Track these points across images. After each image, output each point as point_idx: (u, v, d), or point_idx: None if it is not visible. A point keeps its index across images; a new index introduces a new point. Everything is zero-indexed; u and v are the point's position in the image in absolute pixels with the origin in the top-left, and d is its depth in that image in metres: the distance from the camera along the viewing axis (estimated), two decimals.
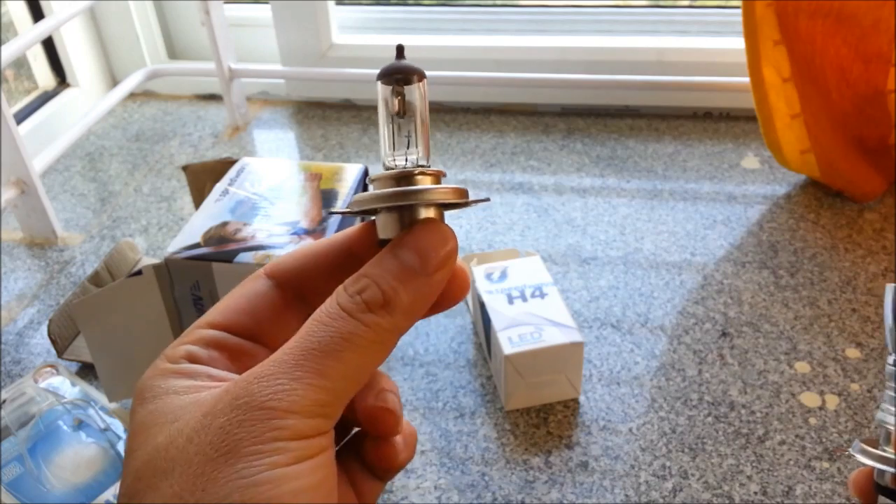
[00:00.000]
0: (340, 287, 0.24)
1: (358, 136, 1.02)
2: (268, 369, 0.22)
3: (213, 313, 0.26)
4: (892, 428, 0.28)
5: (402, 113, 0.26)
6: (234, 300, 0.26)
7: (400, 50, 0.27)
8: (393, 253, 0.24)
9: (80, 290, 0.69)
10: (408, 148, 0.26)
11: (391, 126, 0.26)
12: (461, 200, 0.26)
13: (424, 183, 0.26)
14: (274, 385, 0.22)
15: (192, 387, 0.24)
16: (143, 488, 0.21)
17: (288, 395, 0.21)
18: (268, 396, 0.21)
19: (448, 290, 0.25)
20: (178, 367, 0.25)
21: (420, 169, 0.26)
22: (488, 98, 1.06)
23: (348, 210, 0.26)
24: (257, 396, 0.22)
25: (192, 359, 0.25)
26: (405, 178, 0.25)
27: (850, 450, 0.29)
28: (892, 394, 0.28)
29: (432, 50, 1.06)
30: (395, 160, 0.26)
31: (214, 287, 0.57)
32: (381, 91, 0.27)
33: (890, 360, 0.29)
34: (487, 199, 0.28)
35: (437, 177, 0.26)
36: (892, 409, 0.28)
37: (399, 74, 0.26)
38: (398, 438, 0.26)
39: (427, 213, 0.25)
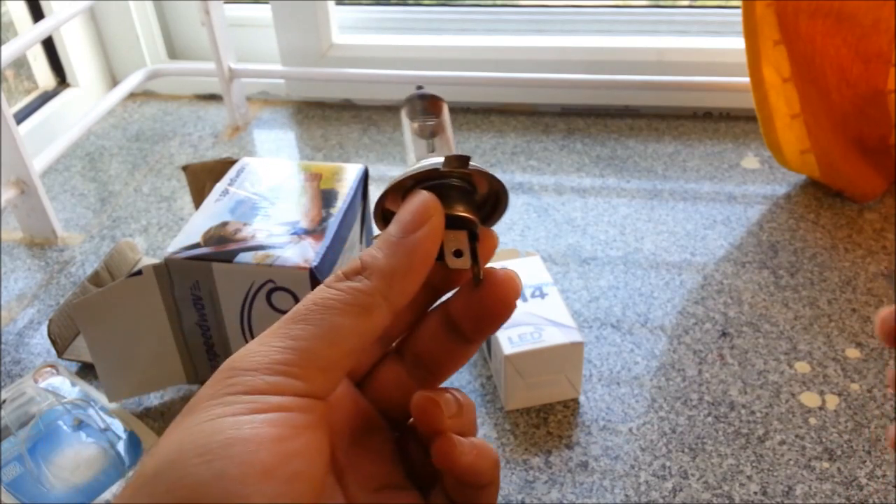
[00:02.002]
0: None
1: (358, 136, 1.02)
2: (248, 344, 0.23)
3: None
4: None
5: (431, 136, 0.28)
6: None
7: (419, 88, 0.30)
8: (383, 232, 0.25)
9: (80, 290, 0.69)
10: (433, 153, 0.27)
11: (416, 146, 0.28)
12: (478, 167, 0.26)
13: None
14: (243, 351, 0.22)
15: None
16: None
17: (251, 356, 0.22)
18: (234, 359, 0.22)
19: (494, 293, 0.25)
20: None
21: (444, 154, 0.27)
22: (488, 98, 1.06)
23: (378, 208, 0.27)
24: (227, 362, 0.22)
25: None
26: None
27: None
28: None
29: (432, 50, 1.06)
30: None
31: (214, 287, 0.57)
32: (406, 120, 0.28)
33: None
34: (499, 182, 0.27)
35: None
36: None
37: (424, 103, 0.29)
38: (459, 439, 0.25)
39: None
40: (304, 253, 0.56)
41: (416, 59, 1.04)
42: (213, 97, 1.13)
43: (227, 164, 0.68)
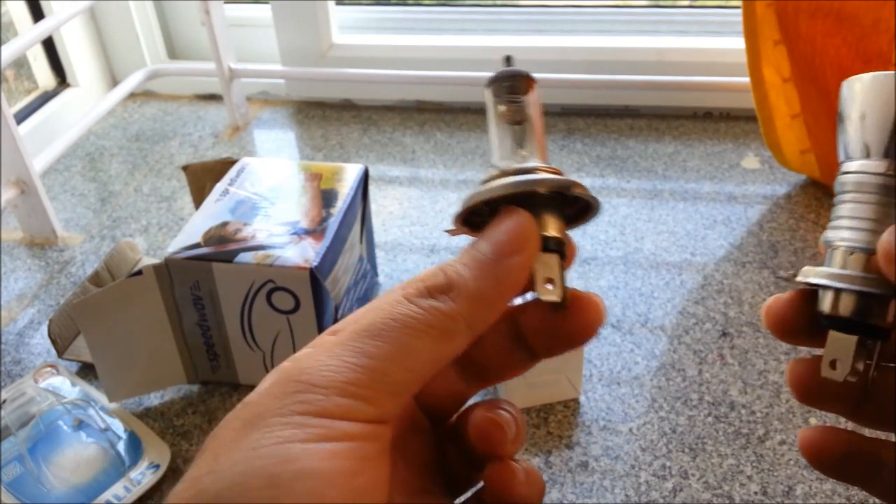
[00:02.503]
0: None
1: (358, 136, 1.02)
2: (312, 350, 0.21)
3: (342, 322, 0.25)
4: (852, 245, 0.24)
5: (518, 120, 0.25)
6: (363, 310, 0.25)
7: (508, 59, 0.26)
8: (470, 245, 0.23)
9: (81, 290, 0.69)
10: (522, 150, 0.25)
11: (504, 133, 0.25)
12: (574, 189, 0.23)
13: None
14: (311, 361, 0.21)
15: None
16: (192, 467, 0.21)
17: (320, 371, 0.20)
18: (301, 371, 0.21)
19: (578, 319, 0.24)
20: (282, 364, 0.24)
21: (540, 166, 0.24)
22: None
23: (462, 212, 0.24)
24: (293, 371, 0.21)
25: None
26: (522, 172, 0.24)
27: (799, 276, 0.24)
28: (861, 205, 0.24)
29: (432, 50, 1.06)
30: (509, 164, 0.25)
31: (214, 287, 0.57)
32: (491, 99, 0.25)
33: (852, 165, 0.24)
34: (597, 201, 0.25)
35: (556, 173, 0.24)
36: (858, 224, 0.24)
37: (511, 81, 0.25)
38: (518, 467, 0.24)
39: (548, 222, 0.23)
40: (304, 253, 0.56)
41: (416, 59, 1.04)
42: (213, 97, 1.13)
43: (228, 164, 0.68)
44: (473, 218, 0.25)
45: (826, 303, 0.24)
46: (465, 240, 0.25)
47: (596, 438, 0.60)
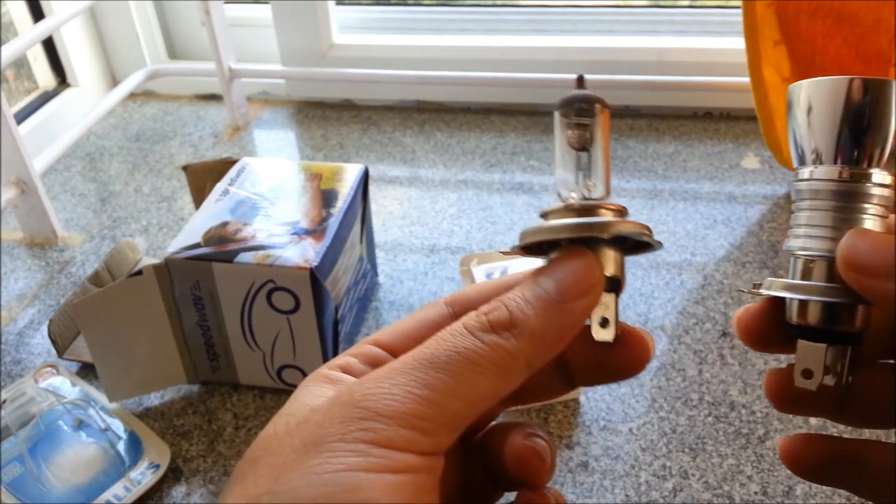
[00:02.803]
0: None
1: (358, 136, 1.02)
2: (375, 373, 0.21)
3: (384, 332, 0.25)
4: (813, 254, 0.24)
5: (584, 146, 0.25)
6: (406, 323, 0.25)
7: (580, 80, 0.25)
8: (533, 279, 0.23)
9: (81, 290, 0.69)
10: (588, 180, 0.25)
11: (569, 158, 0.25)
12: (643, 237, 0.24)
13: (606, 216, 0.24)
14: (374, 387, 0.21)
15: (330, 391, 0.23)
16: (237, 477, 0.21)
17: (384, 399, 0.20)
18: (365, 396, 0.21)
19: (626, 355, 0.24)
20: (329, 374, 0.24)
21: (603, 203, 0.24)
22: (488, 98, 1.06)
23: (525, 243, 0.24)
24: (356, 395, 0.21)
25: (347, 369, 0.24)
26: (587, 210, 0.24)
27: (762, 289, 0.25)
28: (818, 212, 0.24)
29: (432, 50, 1.06)
30: (572, 194, 0.25)
31: (215, 287, 0.57)
32: (560, 121, 0.25)
33: (805, 172, 0.24)
34: (660, 245, 0.25)
35: (621, 212, 0.24)
36: (817, 232, 0.24)
37: (581, 104, 0.24)
38: (550, 496, 0.24)
39: (606, 252, 0.23)
40: (304, 253, 0.56)
41: (416, 59, 1.04)
42: (213, 97, 1.13)
43: (228, 164, 0.68)
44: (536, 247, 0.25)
45: (793, 313, 0.24)
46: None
47: (596, 438, 0.60)
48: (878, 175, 0.23)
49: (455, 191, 0.90)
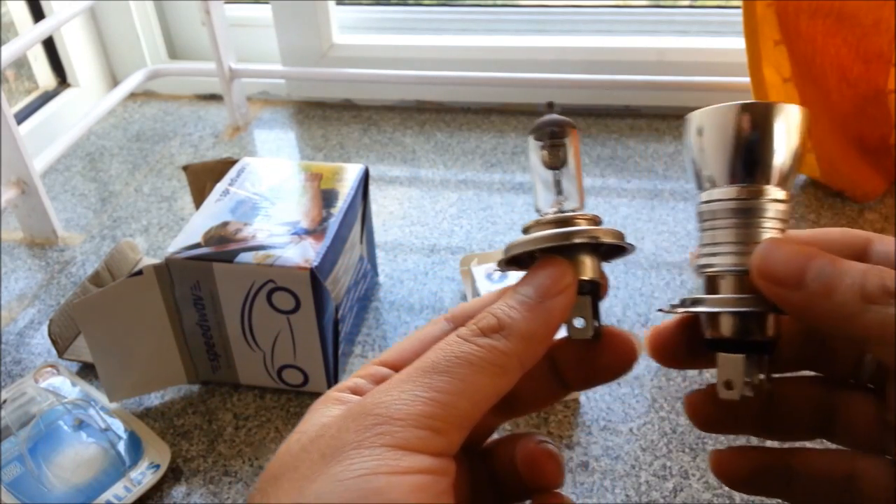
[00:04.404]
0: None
1: (358, 136, 1.02)
2: (381, 386, 0.23)
3: (388, 353, 0.27)
4: (721, 270, 0.25)
5: (557, 165, 0.27)
6: (410, 341, 0.27)
7: (550, 105, 0.29)
8: (514, 289, 0.25)
9: (81, 290, 0.69)
10: (560, 195, 0.27)
11: (545, 176, 0.28)
12: (615, 242, 0.26)
13: (579, 226, 0.26)
14: (383, 396, 0.22)
15: (340, 411, 0.24)
16: (258, 495, 0.22)
17: (394, 404, 0.22)
18: (376, 405, 0.22)
19: (612, 354, 0.26)
20: (339, 396, 0.25)
21: (577, 214, 0.27)
22: (488, 98, 1.06)
23: (508, 257, 0.27)
24: (367, 405, 0.22)
25: (356, 391, 0.25)
26: (562, 222, 0.26)
27: (679, 308, 0.27)
28: (721, 230, 0.25)
29: (432, 50, 1.06)
30: (550, 208, 0.27)
31: (215, 287, 0.57)
32: (534, 145, 0.28)
33: (704, 196, 0.26)
34: (633, 247, 0.28)
35: (594, 221, 0.27)
36: (722, 249, 0.25)
37: (553, 128, 0.28)
38: (567, 499, 0.26)
39: (584, 260, 0.26)
40: (304, 253, 0.56)
41: (416, 59, 1.04)
42: (213, 97, 1.13)
43: (228, 164, 0.68)
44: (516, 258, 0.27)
45: (708, 327, 0.26)
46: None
47: (596, 438, 0.60)
48: (773, 191, 0.25)
49: (455, 191, 0.90)
